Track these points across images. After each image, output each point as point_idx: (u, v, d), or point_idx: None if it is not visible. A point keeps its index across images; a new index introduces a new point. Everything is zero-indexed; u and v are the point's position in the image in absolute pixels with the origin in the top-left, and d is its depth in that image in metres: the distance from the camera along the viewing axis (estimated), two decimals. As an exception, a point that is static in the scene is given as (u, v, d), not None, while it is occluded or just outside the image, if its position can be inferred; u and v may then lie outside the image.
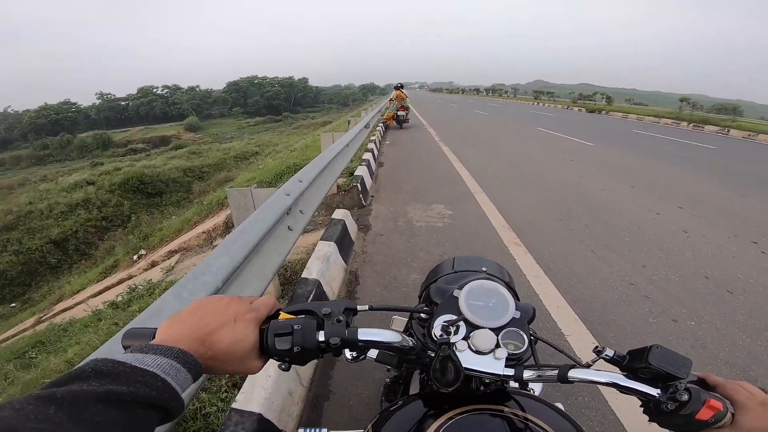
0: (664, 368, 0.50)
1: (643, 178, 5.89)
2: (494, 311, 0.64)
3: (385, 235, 3.80)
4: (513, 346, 0.60)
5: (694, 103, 22.48)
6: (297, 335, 0.48)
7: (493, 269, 0.92)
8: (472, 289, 0.67)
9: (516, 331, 0.61)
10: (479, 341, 0.59)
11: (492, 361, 0.58)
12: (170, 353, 0.37)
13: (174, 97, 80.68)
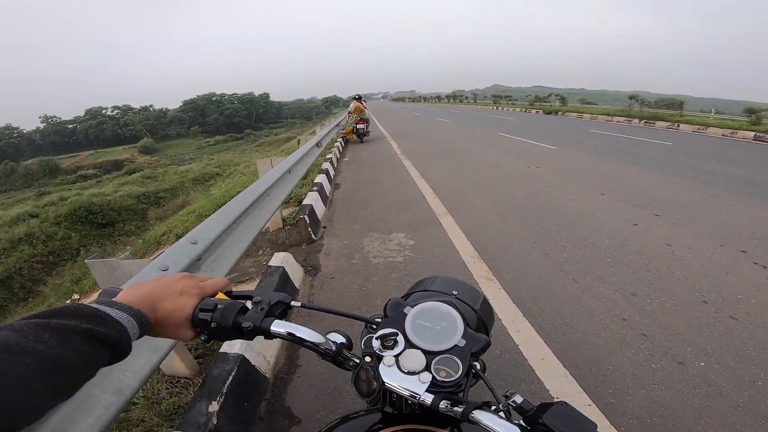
0: (558, 429, 0.46)
1: (611, 183, 5.63)
2: (439, 335, 0.63)
3: (337, 278, 3.21)
4: (445, 373, 0.58)
5: (642, 100, 23.46)
6: (217, 313, 0.55)
7: (465, 294, 0.89)
8: (423, 309, 0.67)
9: (452, 359, 0.60)
10: (407, 360, 0.59)
11: (416, 382, 0.57)
12: (129, 311, 0.47)
13: (126, 117, 76.94)
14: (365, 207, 4.90)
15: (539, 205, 4.65)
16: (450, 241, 3.69)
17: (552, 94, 33.10)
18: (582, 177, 6.06)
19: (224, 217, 2.04)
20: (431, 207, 4.68)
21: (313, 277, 3.29)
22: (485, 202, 4.84)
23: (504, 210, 4.52)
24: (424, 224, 4.16)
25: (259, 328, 0.57)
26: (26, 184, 49.32)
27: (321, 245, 3.86)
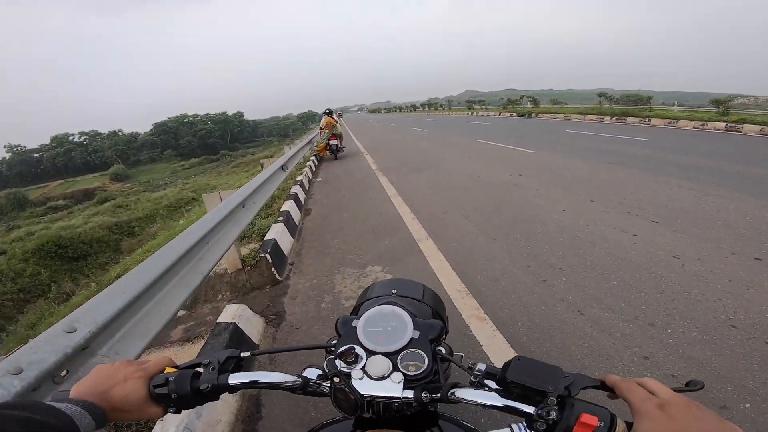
0: (526, 383, 0.49)
1: (598, 188, 5.31)
2: (392, 335, 0.64)
3: (304, 328, 2.71)
4: (414, 367, 0.59)
5: (611, 97, 23.90)
6: (172, 384, 0.57)
7: (404, 290, 0.89)
8: (369, 316, 0.68)
9: (414, 352, 0.61)
10: (372, 368, 0.59)
11: (391, 385, 0.58)
12: (79, 403, 0.49)
13: (94, 144, 74.40)
14: (337, 235, 4.39)
15: (527, 220, 4.25)
16: (433, 273, 3.23)
17: (523, 97, 33.54)
18: (567, 183, 5.73)
19: (128, 287, 1.52)
20: (410, 231, 4.21)
21: (276, 328, 2.78)
22: (469, 220, 4.41)
23: (490, 228, 4.09)
24: (402, 253, 3.68)
25: (218, 386, 0.58)
26: (-5, 219, 46.88)
27: (287, 286, 3.34)
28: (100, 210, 28.33)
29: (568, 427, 0.45)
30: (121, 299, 1.46)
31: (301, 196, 6.23)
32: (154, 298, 1.68)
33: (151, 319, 1.65)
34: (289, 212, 4.82)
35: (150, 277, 1.63)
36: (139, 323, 1.59)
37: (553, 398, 0.47)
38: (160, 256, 1.86)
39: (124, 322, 1.51)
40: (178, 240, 2.06)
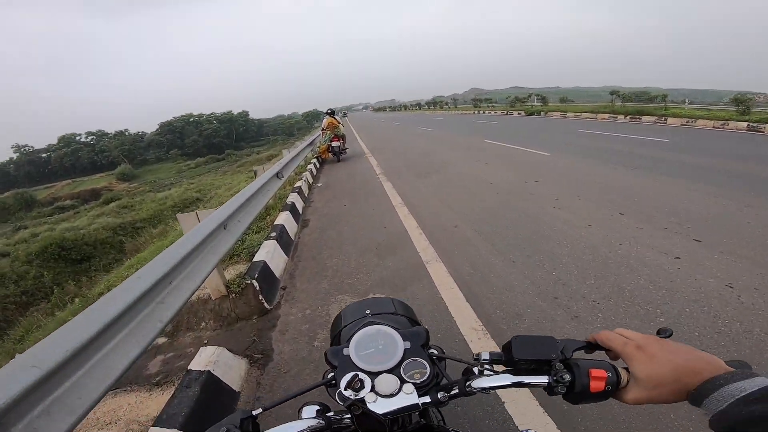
0: (531, 357, 0.55)
1: (626, 198, 4.80)
2: (386, 352, 0.66)
3: (293, 372, 2.30)
4: (418, 375, 0.62)
5: (624, 95, 23.20)
6: None
7: (376, 308, 0.90)
8: (357, 341, 0.69)
9: (414, 361, 0.64)
10: (382, 387, 0.60)
11: (404, 398, 0.59)
12: None
13: (101, 144, 74.67)
14: (336, 253, 3.94)
15: (550, 237, 3.77)
16: (443, 304, 2.78)
17: (531, 95, 32.86)
18: (589, 191, 5.23)
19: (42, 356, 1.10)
20: (417, 249, 3.75)
21: (261, 371, 2.36)
22: (482, 237, 3.94)
23: (507, 248, 3.62)
24: (408, 278, 3.23)
25: None
26: (2, 219, 47.16)
27: (276, 317, 2.91)
28: (105, 210, 28.27)
29: (584, 383, 0.51)
30: (31, 374, 1.05)
31: (299, 206, 5.79)
32: (85, 366, 1.27)
33: (81, 390, 1.24)
34: (284, 226, 4.38)
35: (75, 342, 1.22)
36: (68, 395, 1.18)
37: (560, 364, 0.54)
38: (101, 305, 1.45)
39: (43, 396, 1.10)
40: (129, 282, 1.63)
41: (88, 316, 1.38)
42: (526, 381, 0.56)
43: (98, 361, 1.35)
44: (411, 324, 0.86)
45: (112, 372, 1.36)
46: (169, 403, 1.84)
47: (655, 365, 0.48)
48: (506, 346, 0.58)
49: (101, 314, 1.39)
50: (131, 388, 2.30)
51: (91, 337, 1.30)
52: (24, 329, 7.61)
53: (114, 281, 5.09)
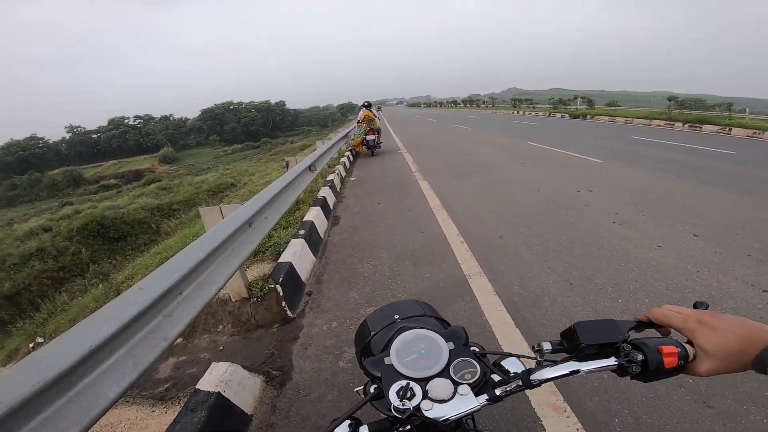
0: (600, 341, 0.55)
1: (697, 216, 4.19)
2: (430, 356, 0.64)
3: (313, 396, 2.02)
4: (469, 375, 0.60)
5: (682, 102, 21.52)
6: None
7: (404, 311, 0.85)
8: (398, 349, 0.66)
9: (462, 361, 0.62)
10: (436, 392, 0.58)
11: (461, 400, 0.57)
12: None
13: (147, 127, 78.16)
14: (368, 258, 3.62)
15: (612, 257, 3.28)
16: (488, 329, 2.40)
17: (576, 97, 31.22)
18: (653, 205, 4.63)
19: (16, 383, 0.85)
20: (458, 261, 3.36)
21: (278, 391, 2.08)
22: (533, 252, 3.49)
23: (564, 267, 3.16)
24: (449, 294, 2.85)
25: None
26: (51, 194, 50.37)
27: (299, 328, 2.62)
28: (145, 191, 29.42)
29: (657, 361, 0.52)
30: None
31: (330, 201, 5.51)
32: (65, 395, 1.00)
33: (59, 422, 0.98)
34: (314, 223, 4.10)
35: (50, 372, 0.95)
36: (41, 429, 0.93)
37: (628, 345, 0.55)
38: (88, 325, 1.18)
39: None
40: (129, 295, 1.37)
41: (72, 338, 1.12)
42: (594, 366, 0.56)
43: (83, 388, 1.10)
44: (443, 324, 0.83)
45: (100, 401, 1.12)
46: (172, 427, 1.59)
47: (721, 337, 0.50)
48: (566, 333, 0.58)
49: (88, 336, 1.12)
50: (134, 399, 2.08)
51: (71, 365, 1.03)
52: (48, 312, 7.79)
53: (138, 269, 5.02)
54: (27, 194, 52.23)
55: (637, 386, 1.86)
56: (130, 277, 4.78)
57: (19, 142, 66.40)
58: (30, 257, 16.00)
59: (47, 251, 16.23)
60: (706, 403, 1.74)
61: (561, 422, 1.71)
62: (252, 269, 3.19)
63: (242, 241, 2.33)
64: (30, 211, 37.24)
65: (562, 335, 0.59)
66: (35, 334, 6.56)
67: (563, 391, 1.85)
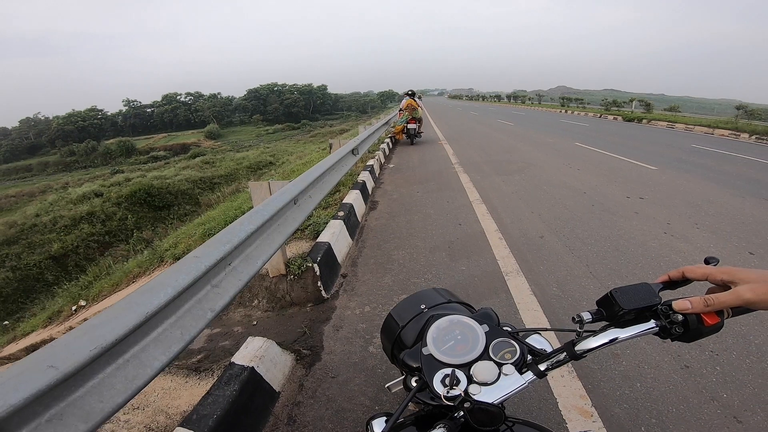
0: (639, 305, 0.56)
1: (754, 234, 3.84)
2: (466, 340, 0.64)
3: (341, 378, 2.06)
4: (509, 354, 0.60)
5: (752, 112, 19.77)
6: None
7: (430, 300, 0.85)
8: (434, 337, 0.66)
9: (500, 341, 0.62)
10: (482, 375, 0.58)
11: (507, 380, 0.58)
12: None
13: (196, 104, 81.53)
14: (403, 245, 3.63)
15: (660, 269, 3.10)
16: (526, 330, 2.35)
17: (633, 99, 29.38)
18: (710, 219, 4.33)
19: (61, 354, 0.92)
20: (495, 257, 3.31)
21: (306, 370, 2.14)
22: (574, 255, 3.37)
23: (606, 273, 3.03)
24: (484, 289, 2.82)
25: None
26: (104, 162, 53.89)
27: (332, 309, 2.69)
28: (190, 164, 30.78)
29: (698, 319, 0.53)
30: (47, 376, 0.86)
31: (369, 186, 5.55)
32: (114, 363, 1.07)
33: (104, 390, 1.05)
34: (352, 206, 4.16)
35: (107, 338, 1.02)
36: (86, 398, 0.99)
37: (665, 306, 0.56)
38: (146, 291, 1.24)
39: (58, 399, 0.92)
40: (185, 263, 1.43)
41: (130, 303, 1.15)
42: (635, 332, 0.57)
43: (131, 357, 1.13)
44: (469, 309, 0.83)
45: (145, 371, 1.14)
46: (203, 402, 1.63)
47: (759, 274, 0.54)
48: (603, 301, 0.59)
49: (145, 303, 1.16)
50: (168, 368, 2.19)
51: (127, 331, 1.07)
52: (93, 275, 8.25)
53: (181, 237, 5.27)
54: (83, 161, 56.03)
55: (668, 396, 1.79)
56: (174, 245, 5.05)
57: (80, 113, 71.10)
58: (80, 220, 17.17)
59: (97, 215, 17.33)
60: (736, 417, 1.68)
61: (586, 426, 1.68)
62: (290, 247, 3.28)
63: (288, 217, 2.40)
64: (84, 176, 39.94)
65: (599, 303, 0.60)
66: (79, 296, 7.03)
67: (592, 395, 1.81)
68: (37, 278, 14.94)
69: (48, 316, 7.61)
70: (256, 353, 1.89)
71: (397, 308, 0.88)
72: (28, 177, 50.42)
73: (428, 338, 0.66)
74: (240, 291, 1.68)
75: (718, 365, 2.02)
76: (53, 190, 31.26)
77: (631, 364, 2.04)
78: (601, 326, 0.59)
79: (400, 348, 0.76)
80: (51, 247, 15.45)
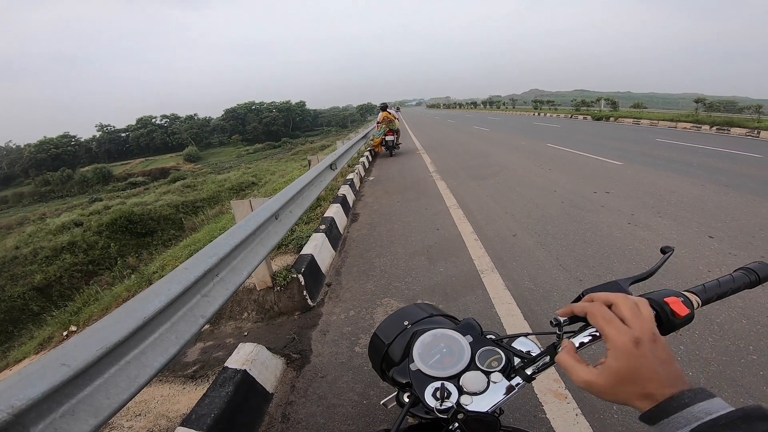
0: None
1: (712, 218, 4.16)
2: (452, 352, 0.65)
3: (330, 377, 2.18)
4: (495, 362, 0.62)
5: (710, 104, 20.84)
6: None
7: (413, 316, 0.86)
8: (420, 353, 0.67)
9: (486, 350, 0.64)
10: (471, 385, 0.59)
11: (497, 387, 0.59)
12: None
13: (173, 126, 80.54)
14: (385, 253, 3.79)
15: (624, 257, 3.34)
16: (498, 320, 2.52)
17: (600, 99, 30.58)
18: (671, 208, 4.63)
19: (74, 354, 1.03)
20: (471, 257, 3.49)
21: (297, 372, 2.26)
22: (546, 250, 3.58)
23: (575, 265, 3.25)
24: (461, 288, 2.99)
25: None
26: (81, 191, 52.55)
27: (318, 315, 2.81)
28: (171, 189, 30.37)
29: (669, 312, 0.53)
30: (61, 372, 0.98)
31: (350, 199, 5.71)
32: (117, 364, 1.19)
33: (111, 389, 1.16)
34: (334, 219, 4.30)
35: (112, 338, 1.14)
36: (94, 395, 1.11)
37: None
38: (142, 299, 1.38)
39: (69, 396, 1.03)
40: (175, 274, 1.57)
41: (128, 310, 1.30)
42: None
43: (133, 358, 1.26)
44: (452, 320, 0.84)
45: (146, 371, 1.27)
46: (200, 403, 1.75)
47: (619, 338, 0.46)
48: (577, 302, 0.58)
49: (141, 309, 1.31)
50: (166, 378, 2.29)
51: (129, 333, 1.21)
52: (81, 301, 8.15)
53: (168, 260, 5.31)
54: (59, 190, 54.53)
55: None
56: (161, 268, 5.08)
57: (53, 140, 69.43)
58: (62, 250, 16.81)
59: (78, 245, 16.99)
60: None
61: (561, 408, 1.82)
62: (276, 260, 3.40)
63: (270, 231, 2.53)
64: (61, 206, 38.90)
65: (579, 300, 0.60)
66: (69, 322, 6.91)
67: (565, 378, 1.97)
68: (22, 309, 14.61)
69: (39, 343, 7.42)
70: (247, 357, 2.00)
71: (382, 327, 0.89)
72: (4, 209, 48.79)
73: (414, 354, 0.67)
74: (228, 299, 1.80)
75: (682, 344, 2.20)
76: (31, 221, 30.39)
77: (600, 346, 2.21)
78: (579, 326, 0.59)
79: (389, 365, 0.76)
80: (33, 279, 15.21)
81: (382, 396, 2.01)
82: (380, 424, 1.87)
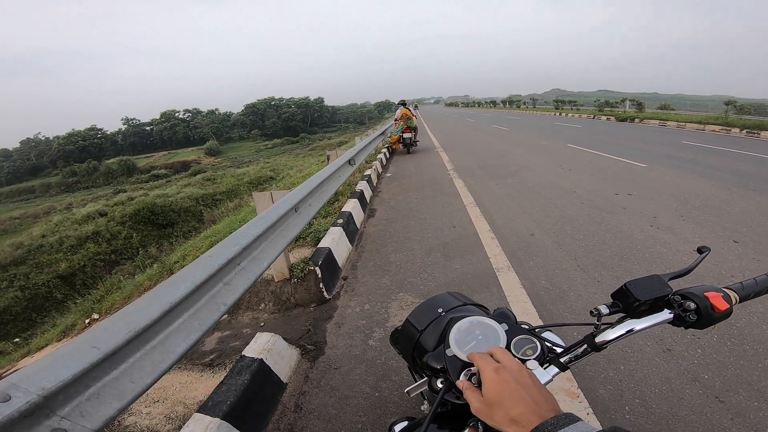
0: (653, 296, 0.58)
1: (739, 223, 4.01)
2: (488, 339, 0.66)
3: (343, 369, 2.22)
4: (531, 351, 0.62)
5: (741, 107, 20.03)
6: None
7: (446, 304, 0.85)
8: (456, 339, 0.68)
9: (521, 339, 0.64)
10: None
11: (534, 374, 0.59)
12: None
13: (195, 120, 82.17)
14: (401, 248, 3.82)
15: (645, 260, 3.28)
16: (516, 320, 2.52)
17: (625, 99, 29.74)
18: (696, 212, 4.50)
19: (104, 338, 1.09)
20: (488, 255, 3.49)
21: (311, 363, 2.31)
22: (563, 250, 3.55)
23: (593, 266, 3.21)
24: (476, 285, 3.00)
25: None
26: (106, 182, 54.25)
27: (334, 308, 2.86)
28: (192, 181, 31.08)
29: (709, 306, 0.55)
30: (91, 355, 1.04)
31: (367, 194, 5.76)
32: (143, 348, 1.25)
33: (136, 374, 1.22)
34: (351, 213, 4.35)
35: (140, 322, 1.20)
36: (120, 379, 1.17)
37: (677, 296, 0.59)
38: (169, 285, 1.44)
39: (96, 379, 1.09)
40: (201, 261, 1.63)
41: (157, 295, 1.35)
42: (651, 322, 0.59)
43: (158, 343, 1.30)
44: (483, 309, 0.85)
45: (170, 356, 1.32)
46: (217, 390, 1.81)
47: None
48: (618, 294, 0.61)
49: (169, 294, 1.36)
50: (184, 365, 2.37)
51: (156, 317, 1.26)
52: (104, 290, 8.43)
53: (189, 251, 5.46)
54: (85, 181, 56.41)
55: (652, 379, 1.94)
56: (182, 258, 5.24)
57: (80, 132, 71.75)
58: (86, 240, 17.44)
59: (102, 235, 17.59)
60: (717, 397, 1.80)
61: (573, 407, 1.82)
62: (293, 253, 3.47)
63: (290, 223, 2.59)
64: (87, 197, 40.29)
65: (614, 296, 0.62)
66: (92, 310, 7.18)
67: (578, 377, 1.96)
68: (46, 297, 15.15)
69: (62, 330, 7.74)
70: (264, 346, 2.06)
71: (414, 314, 0.88)
72: (32, 198, 50.78)
73: (451, 340, 0.68)
74: (248, 289, 1.86)
75: (700, 348, 2.16)
76: (57, 210, 31.60)
77: (615, 348, 2.20)
78: (617, 318, 0.61)
79: (421, 352, 0.76)
80: (58, 267, 15.74)
81: (394, 389, 2.04)
82: (392, 416, 1.90)
